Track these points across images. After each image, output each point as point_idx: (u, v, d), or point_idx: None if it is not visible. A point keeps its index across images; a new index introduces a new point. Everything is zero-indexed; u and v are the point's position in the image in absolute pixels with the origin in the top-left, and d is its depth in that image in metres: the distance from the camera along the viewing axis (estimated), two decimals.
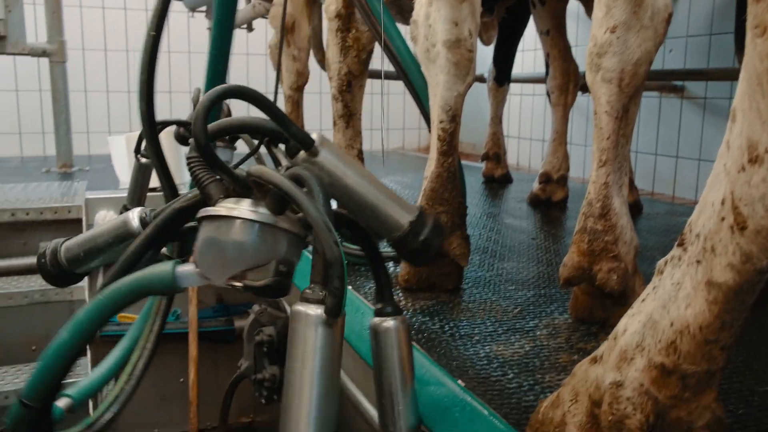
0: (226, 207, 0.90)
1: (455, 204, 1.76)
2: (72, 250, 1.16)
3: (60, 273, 1.16)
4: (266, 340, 2.21)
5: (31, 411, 0.99)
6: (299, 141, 1.03)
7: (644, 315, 0.93)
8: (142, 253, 1.01)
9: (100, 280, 3.93)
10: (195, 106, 1.87)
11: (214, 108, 0.94)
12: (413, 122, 6.82)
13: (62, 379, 0.99)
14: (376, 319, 1.10)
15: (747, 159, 0.72)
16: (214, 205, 0.92)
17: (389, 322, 1.09)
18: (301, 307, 0.85)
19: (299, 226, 0.93)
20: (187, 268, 0.92)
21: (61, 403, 1.29)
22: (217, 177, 0.95)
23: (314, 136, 1.04)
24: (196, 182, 0.97)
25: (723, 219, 0.77)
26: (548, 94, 3.24)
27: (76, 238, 1.18)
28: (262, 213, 0.89)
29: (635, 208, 3.01)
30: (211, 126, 1.00)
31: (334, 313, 0.83)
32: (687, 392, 0.89)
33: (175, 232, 1.06)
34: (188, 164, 0.97)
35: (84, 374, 3.03)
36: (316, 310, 0.84)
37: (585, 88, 3.22)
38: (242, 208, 0.89)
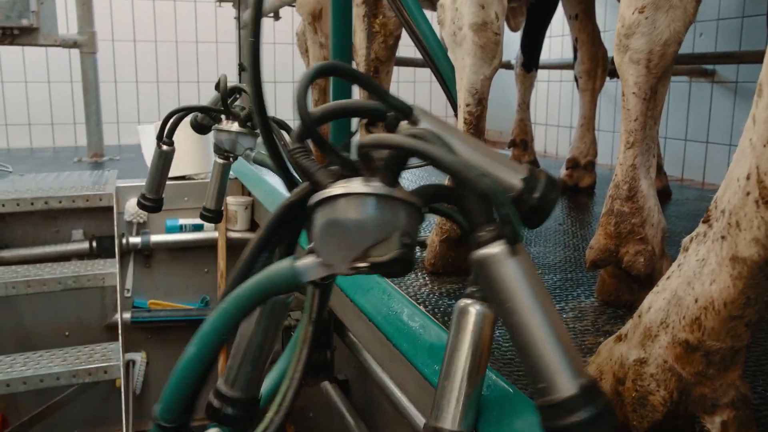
0: (340, 187, 0.88)
1: None
2: (237, 377, 1.06)
3: (245, 408, 1.05)
4: (294, 324, 2.24)
5: None
6: (399, 110, 1.01)
7: (669, 292, 0.93)
8: (257, 255, 0.99)
9: (131, 266, 4.01)
10: (220, 92, 1.90)
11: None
12: (440, 110, 6.80)
13: (196, 394, 0.98)
14: (463, 301, 1.02)
15: None
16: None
17: (476, 306, 0.99)
18: (483, 251, 0.81)
19: (415, 196, 0.91)
20: (307, 260, 0.90)
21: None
22: (323, 164, 0.93)
23: (414, 105, 1.02)
24: (302, 172, 0.94)
25: (748, 194, 0.77)
26: (576, 79, 3.22)
27: (228, 367, 1.07)
28: (376, 186, 0.87)
29: (664, 194, 2.98)
30: (316, 112, 0.98)
31: (516, 238, 0.80)
32: (711, 369, 0.89)
33: (287, 230, 1.02)
34: (291, 156, 0.94)
35: (115, 358, 3.10)
36: (496, 247, 0.81)
37: (613, 74, 3.19)
38: (355, 185, 0.87)
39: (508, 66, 4.48)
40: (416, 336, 1.47)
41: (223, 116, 1.96)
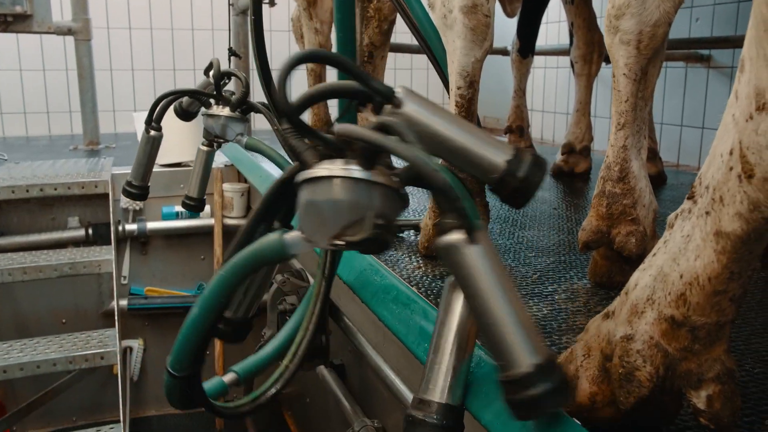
0: (318, 169, 0.92)
1: None
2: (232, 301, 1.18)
3: (236, 326, 1.19)
4: (289, 309, 2.26)
5: (177, 379, 1.06)
6: (380, 94, 1.04)
7: (655, 269, 0.94)
8: (255, 227, 1.04)
9: (127, 253, 4.02)
10: (213, 76, 1.90)
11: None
12: (436, 97, 6.80)
13: (200, 349, 1.05)
14: (452, 278, 1.05)
15: (755, 107, 0.73)
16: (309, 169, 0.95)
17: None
18: (445, 239, 0.86)
19: (394, 179, 0.93)
20: (293, 235, 0.95)
21: (227, 378, 1.38)
22: (312, 144, 0.97)
23: (398, 88, 1.04)
24: (291, 152, 0.99)
25: (731, 168, 0.78)
26: (572, 64, 3.22)
27: None
28: (353, 169, 0.90)
29: (659, 179, 2.99)
30: (299, 98, 1.03)
31: (472, 228, 0.84)
32: (697, 344, 0.90)
33: (282, 205, 1.08)
34: (282, 136, 0.99)
35: (112, 344, 3.12)
36: (456, 235, 0.85)
37: (609, 59, 3.19)
38: (333, 167, 0.91)
39: (504, 52, 4.48)
40: (409, 317, 1.49)
41: (212, 101, 1.96)
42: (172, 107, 2.02)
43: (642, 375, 0.93)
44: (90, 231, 3.81)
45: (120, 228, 3.89)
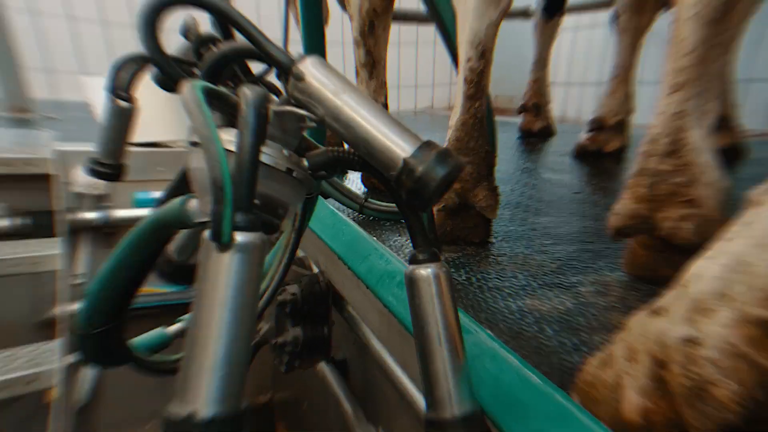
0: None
1: (482, 153, 1.72)
2: (182, 247, 1.25)
3: (176, 267, 1.25)
4: (289, 299, 2.20)
5: (86, 338, 1.12)
6: (276, 63, 0.98)
7: (729, 257, 0.82)
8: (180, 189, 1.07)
9: (83, 249, 3.89)
10: (192, 40, 1.79)
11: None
12: (444, 78, 6.72)
13: (115, 305, 1.10)
14: (409, 268, 1.02)
15: None
16: None
17: (426, 269, 1.00)
18: (204, 233, 0.83)
19: (289, 161, 0.94)
20: (192, 203, 0.95)
21: (173, 328, 1.45)
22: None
23: (307, 58, 0.98)
24: None
25: None
26: (614, 19, 2.95)
27: (176, 239, 1.28)
28: (234, 142, 0.88)
29: (733, 154, 2.76)
30: (209, 62, 1.07)
31: (216, 237, 0.80)
32: None
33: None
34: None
35: (49, 363, 2.94)
36: (206, 234, 0.82)
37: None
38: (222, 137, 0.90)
39: (525, 13, 4.30)
40: None
41: (196, 70, 1.85)
42: (153, 78, 1.90)
43: (721, 393, 0.80)
44: (22, 221, 3.59)
45: (72, 217, 3.73)
